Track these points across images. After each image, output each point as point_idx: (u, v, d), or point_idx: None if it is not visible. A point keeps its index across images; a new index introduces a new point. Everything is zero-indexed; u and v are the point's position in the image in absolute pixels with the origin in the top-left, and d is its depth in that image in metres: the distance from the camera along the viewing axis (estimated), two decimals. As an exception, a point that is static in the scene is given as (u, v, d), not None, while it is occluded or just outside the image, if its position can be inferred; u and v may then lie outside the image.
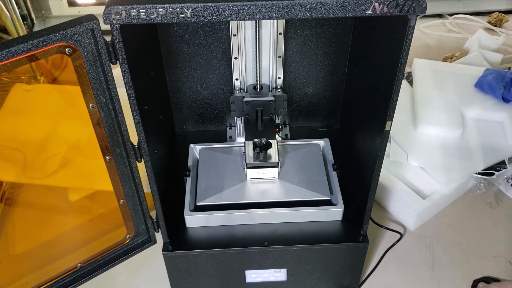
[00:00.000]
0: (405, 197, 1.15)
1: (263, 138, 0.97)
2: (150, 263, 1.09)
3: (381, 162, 0.79)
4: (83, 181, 1.03)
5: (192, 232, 0.92)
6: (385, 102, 0.73)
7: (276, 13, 0.59)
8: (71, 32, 0.62)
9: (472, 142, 1.27)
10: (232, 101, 1.03)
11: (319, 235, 0.91)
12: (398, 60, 0.66)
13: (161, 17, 0.59)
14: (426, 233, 1.17)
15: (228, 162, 1.00)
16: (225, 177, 0.97)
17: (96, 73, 0.68)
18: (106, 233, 0.93)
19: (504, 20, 1.97)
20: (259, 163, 0.94)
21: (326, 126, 1.17)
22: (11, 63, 0.60)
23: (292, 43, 1.02)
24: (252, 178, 0.96)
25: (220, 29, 0.98)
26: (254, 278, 0.96)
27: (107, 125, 0.74)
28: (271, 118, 1.04)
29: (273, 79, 1.05)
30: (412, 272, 1.09)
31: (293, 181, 0.96)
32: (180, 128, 1.16)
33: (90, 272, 0.89)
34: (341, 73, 1.07)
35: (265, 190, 0.94)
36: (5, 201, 1.03)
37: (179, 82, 1.07)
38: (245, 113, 1.04)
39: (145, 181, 0.82)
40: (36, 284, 0.86)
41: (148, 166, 0.79)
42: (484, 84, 1.38)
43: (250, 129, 1.01)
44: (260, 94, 1.03)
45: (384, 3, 0.59)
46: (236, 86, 1.04)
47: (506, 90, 1.34)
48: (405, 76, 1.52)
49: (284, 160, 1.00)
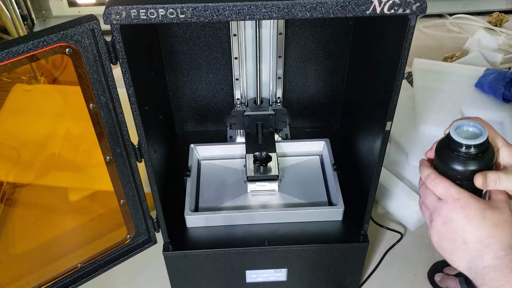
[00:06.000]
0: (405, 197, 1.15)
1: (264, 151, 0.99)
2: (151, 263, 1.09)
3: (381, 162, 0.79)
4: (83, 181, 1.03)
5: (193, 232, 0.92)
6: (385, 102, 0.73)
7: (276, 13, 0.60)
8: (71, 32, 0.62)
9: (472, 142, 1.27)
10: (233, 115, 1.06)
11: (319, 235, 0.91)
12: (398, 60, 0.66)
13: (161, 17, 0.59)
14: (426, 233, 1.16)
15: (229, 175, 1.02)
16: (226, 189, 0.99)
17: (96, 73, 0.68)
18: (107, 233, 0.93)
19: (504, 20, 1.97)
20: (259, 176, 0.95)
21: (326, 126, 1.17)
22: (11, 63, 0.60)
23: (292, 43, 1.02)
24: (252, 190, 0.97)
25: (220, 29, 0.98)
26: (255, 278, 0.96)
27: (107, 125, 0.74)
28: (271, 131, 1.06)
29: (273, 93, 1.07)
30: (412, 272, 1.09)
31: (292, 193, 0.97)
32: (180, 128, 1.16)
33: (91, 272, 0.89)
34: (341, 73, 1.07)
35: (265, 203, 0.96)
36: (5, 201, 1.03)
37: (179, 82, 1.07)
38: (246, 126, 1.06)
39: (145, 181, 0.82)
40: (37, 284, 0.86)
41: (148, 166, 0.79)
42: (484, 84, 1.38)
43: (250, 142, 1.03)
44: (260, 108, 1.06)
45: (384, 3, 0.59)
46: (237, 100, 1.06)
47: (506, 90, 1.34)
48: (405, 76, 1.52)
49: (284, 173, 1.02)
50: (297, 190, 0.98)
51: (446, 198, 0.61)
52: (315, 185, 0.99)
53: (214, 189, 0.99)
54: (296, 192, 0.97)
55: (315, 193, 0.97)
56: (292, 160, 1.05)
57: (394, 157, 1.25)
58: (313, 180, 1.01)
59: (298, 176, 1.01)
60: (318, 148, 1.07)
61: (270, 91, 1.07)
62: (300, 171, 1.03)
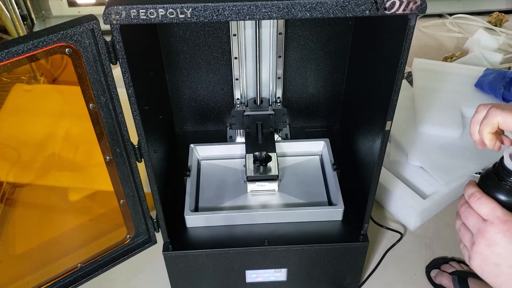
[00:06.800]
0: (405, 197, 1.15)
1: (263, 151, 0.99)
2: (150, 263, 1.09)
3: (381, 162, 0.79)
4: (83, 181, 1.03)
5: (192, 232, 0.92)
6: (385, 102, 0.73)
7: (276, 13, 0.60)
8: (71, 32, 0.62)
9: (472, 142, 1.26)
10: (233, 114, 1.06)
11: (319, 235, 0.91)
12: (398, 60, 0.66)
13: (161, 17, 0.59)
14: (426, 233, 1.17)
15: (229, 175, 1.02)
16: (226, 189, 0.99)
17: (96, 73, 0.68)
18: (106, 233, 0.93)
19: (504, 20, 1.97)
20: (259, 176, 0.95)
21: (326, 126, 1.17)
22: (11, 63, 0.60)
23: (292, 43, 1.02)
24: (252, 190, 0.97)
25: (220, 29, 0.98)
26: (255, 278, 0.96)
27: (107, 125, 0.74)
28: (271, 131, 1.06)
29: (272, 93, 1.07)
30: (412, 272, 1.09)
31: (292, 193, 0.97)
32: (180, 128, 1.16)
33: (91, 272, 0.89)
34: (341, 73, 1.07)
35: (265, 202, 0.96)
36: (5, 201, 1.03)
37: (179, 82, 1.07)
38: (246, 126, 1.06)
39: (145, 181, 0.82)
40: (37, 284, 0.86)
41: (148, 166, 0.79)
42: (484, 84, 1.38)
43: (250, 142, 1.03)
44: (260, 108, 1.06)
45: (384, 3, 0.59)
46: (236, 100, 1.06)
47: (506, 90, 1.34)
48: (405, 76, 1.52)
49: (284, 173, 1.02)
50: (297, 190, 0.98)
51: (492, 219, 0.55)
52: (315, 185, 0.99)
53: (214, 189, 0.99)
54: (296, 192, 0.97)
55: (315, 193, 0.97)
56: (292, 160, 1.05)
57: (394, 157, 1.25)
58: (313, 180, 1.01)
59: (298, 176, 1.01)
60: (318, 148, 1.07)
61: (270, 91, 1.07)
62: (300, 171, 1.03)
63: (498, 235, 0.54)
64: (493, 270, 0.56)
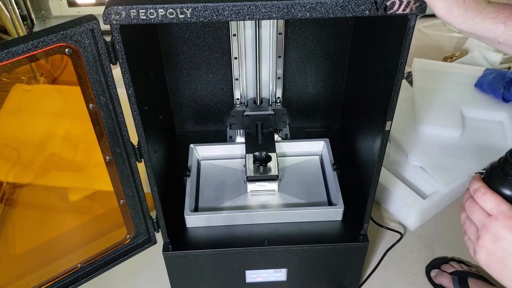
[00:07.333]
0: (405, 197, 1.15)
1: (263, 151, 0.99)
2: (150, 263, 1.09)
3: (381, 162, 0.79)
4: (83, 181, 1.03)
5: (192, 232, 0.92)
6: (385, 102, 0.73)
7: (276, 13, 0.60)
8: (71, 33, 0.62)
9: (472, 142, 1.27)
10: (233, 114, 1.06)
11: (319, 235, 0.91)
12: (398, 60, 0.66)
13: (161, 18, 0.59)
14: (426, 233, 1.17)
15: (229, 175, 1.02)
16: (226, 189, 0.98)
17: (96, 73, 0.68)
18: (106, 233, 0.93)
19: (504, 20, 1.97)
20: (259, 176, 0.95)
21: (326, 126, 1.17)
22: (11, 63, 0.60)
23: (292, 43, 1.02)
24: (252, 190, 0.97)
25: (220, 29, 0.98)
26: (254, 278, 0.96)
27: (107, 125, 0.74)
28: (271, 131, 1.06)
29: (272, 93, 1.07)
30: (412, 272, 1.09)
31: (292, 193, 0.97)
32: (180, 128, 1.16)
33: (90, 272, 0.89)
34: (341, 73, 1.07)
35: (265, 203, 0.96)
36: (5, 201, 1.03)
37: (179, 82, 1.07)
38: (246, 126, 1.06)
39: (145, 181, 0.82)
40: (37, 284, 0.86)
41: (148, 166, 0.79)
42: (484, 84, 1.38)
43: (250, 142, 1.03)
44: (260, 108, 1.06)
45: (384, 3, 0.59)
46: (236, 100, 1.06)
47: (506, 90, 1.34)
48: (405, 76, 1.52)
49: (284, 173, 1.02)
50: (297, 190, 0.98)
51: (497, 214, 0.56)
52: (315, 185, 0.99)
53: (214, 189, 0.99)
54: (296, 192, 0.97)
55: (315, 193, 0.97)
56: (292, 160, 1.05)
57: (394, 157, 1.25)
58: (313, 180, 1.01)
59: (298, 176, 1.01)
60: (318, 148, 1.07)
61: (270, 91, 1.07)
62: (300, 171, 1.03)
63: (503, 230, 0.55)
64: (498, 265, 0.56)
